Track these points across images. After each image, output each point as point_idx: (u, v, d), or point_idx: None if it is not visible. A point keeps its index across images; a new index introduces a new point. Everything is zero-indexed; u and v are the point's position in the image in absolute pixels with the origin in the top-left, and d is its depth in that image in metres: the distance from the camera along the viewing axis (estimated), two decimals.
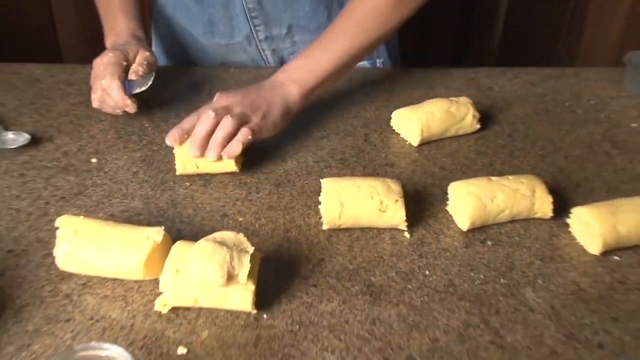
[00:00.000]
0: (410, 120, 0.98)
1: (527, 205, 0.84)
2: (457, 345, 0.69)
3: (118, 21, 1.07)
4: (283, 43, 1.20)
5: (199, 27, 1.20)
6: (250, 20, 1.16)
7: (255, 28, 1.17)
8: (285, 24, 1.18)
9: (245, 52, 1.21)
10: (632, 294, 0.76)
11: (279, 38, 1.19)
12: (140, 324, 0.70)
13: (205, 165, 0.90)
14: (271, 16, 1.16)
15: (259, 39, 1.19)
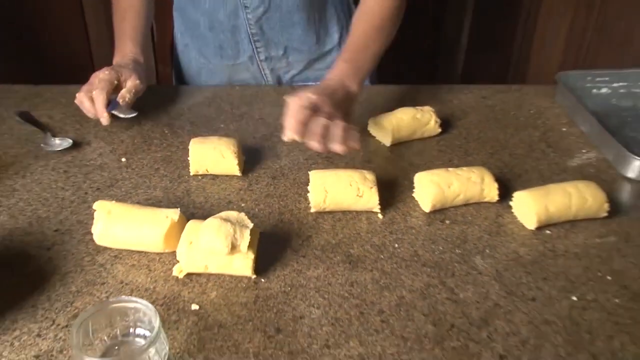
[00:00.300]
0: (384, 124, 1.01)
1: (478, 190, 0.87)
2: (419, 301, 0.72)
3: (126, 45, 1.10)
4: (280, 63, 1.23)
5: (210, 50, 1.22)
6: (253, 43, 1.19)
7: (257, 50, 1.20)
8: (282, 46, 1.20)
9: (248, 71, 1.24)
10: (559, 259, 0.79)
11: (277, 58, 1.22)
12: (161, 287, 0.72)
13: (214, 169, 0.92)
14: (270, 39, 1.19)
15: (260, 59, 1.22)
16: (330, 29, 1.23)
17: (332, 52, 1.25)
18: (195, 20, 1.20)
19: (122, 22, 1.14)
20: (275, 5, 1.14)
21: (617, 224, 0.86)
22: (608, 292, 0.74)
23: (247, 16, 1.15)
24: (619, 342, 0.67)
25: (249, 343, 0.65)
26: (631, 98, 1.19)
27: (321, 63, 1.26)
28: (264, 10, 1.14)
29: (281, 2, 1.14)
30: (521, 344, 0.67)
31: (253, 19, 1.15)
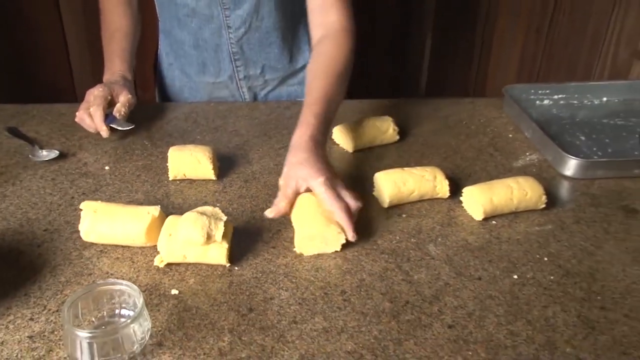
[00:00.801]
0: (346, 132, 1.08)
1: (430, 187, 0.94)
2: (378, 283, 0.78)
3: (114, 63, 1.17)
4: (257, 81, 1.30)
5: (194, 67, 1.29)
6: (233, 62, 1.26)
7: (237, 69, 1.27)
8: (259, 64, 1.28)
9: (227, 88, 1.31)
10: (503, 244, 0.87)
11: (254, 77, 1.29)
12: (143, 276, 0.78)
13: (191, 174, 0.97)
14: (249, 58, 1.26)
15: (239, 77, 1.29)
16: (302, 47, 1.31)
17: (303, 69, 1.32)
18: (180, 39, 1.27)
19: (110, 43, 1.20)
20: (255, 26, 1.22)
21: (554, 215, 0.94)
22: (544, 271, 0.82)
23: (230, 36, 1.22)
24: (551, 311, 0.75)
25: (224, 321, 0.71)
26: (569, 108, 1.29)
27: (293, 79, 1.33)
28: (245, 31, 1.22)
29: (261, 23, 1.22)
30: (467, 315, 0.74)
31: (235, 39, 1.23)
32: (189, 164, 0.96)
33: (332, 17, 1.08)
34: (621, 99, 1.33)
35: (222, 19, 1.20)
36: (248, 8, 1.18)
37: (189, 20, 1.22)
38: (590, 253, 0.86)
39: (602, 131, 1.21)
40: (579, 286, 0.79)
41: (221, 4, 1.18)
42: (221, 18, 1.20)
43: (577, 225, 0.92)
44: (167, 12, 1.25)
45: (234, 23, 1.21)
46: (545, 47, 2.38)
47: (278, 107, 1.25)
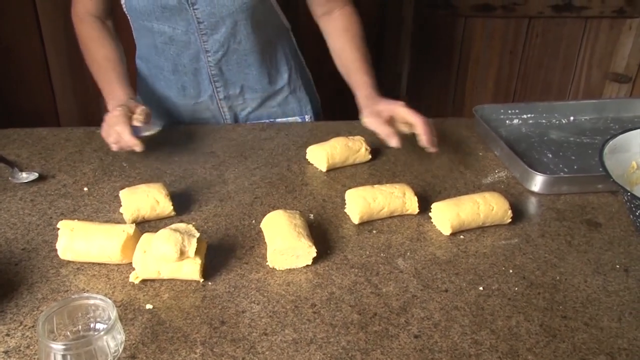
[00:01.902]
0: (319, 152, 1.13)
1: (400, 203, 0.98)
2: (347, 295, 0.81)
3: (115, 89, 1.15)
4: (237, 100, 1.34)
5: (174, 91, 1.33)
6: (213, 83, 1.30)
7: (217, 89, 1.31)
8: (238, 85, 1.32)
9: (208, 109, 1.35)
10: (470, 258, 0.90)
11: (234, 97, 1.33)
12: (118, 292, 0.80)
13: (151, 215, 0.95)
14: (228, 79, 1.30)
15: (219, 97, 1.33)
16: (280, 69, 1.36)
17: (283, 90, 1.37)
18: (159, 65, 1.31)
19: (105, 73, 1.19)
20: (232, 49, 1.26)
21: (521, 229, 0.98)
22: (509, 282, 0.86)
23: (208, 59, 1.27)
24: (515, 321, 0.78)
25: (197, 334, 0.73)
26: (538, 127, 1.35)
27: (273, 101, 1.38)
28: (223, 54, 1.26)
29: (238, 45, 1.26)
30: (433, 326, 0.77)
31: (213, 62, 1.27)
32: (146, 205, 0.94)
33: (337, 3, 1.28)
34: (587, 117, 1.39)
35: (200, 44, 1.24)
36: (225, 32, 1.23)
37: (166, 47, 1.26)
38: (553, 265, 0.90)
39: (568, 149, 1.26)
40: (542, 296, 0.83)
41: (198, 30, 1.22)
42: (198, 43, 1.24)
43: (542, 239, 0.96)
44: (145, 40, 1.29)
45: (212, 47, 1.25)
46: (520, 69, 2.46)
47: (254, 129, 1.29)
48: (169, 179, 1.08)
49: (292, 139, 1.26)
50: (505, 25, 2.35)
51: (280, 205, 1.01)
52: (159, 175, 1.09)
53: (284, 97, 1.38)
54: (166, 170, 1.11)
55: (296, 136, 1.27)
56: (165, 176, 1.09)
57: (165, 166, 1.13)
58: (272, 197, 1.04)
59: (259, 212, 0.99)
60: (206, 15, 1.19)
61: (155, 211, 0.95)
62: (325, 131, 1.29)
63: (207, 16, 1.19)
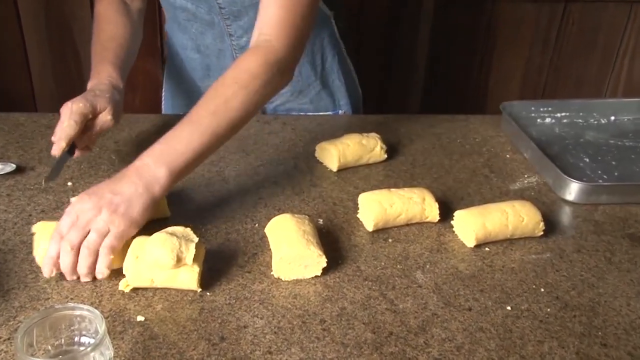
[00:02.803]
0: (330, 150, 1.13)
1: (419, 210, 0.98)
2: (360, 312, 0.82)
3: (104, 68, 1.12)
4: None
5: (199, 72, 1.34)
6: None
7: None
8: None
9: None
10: (496, 273, 0.91)
11: None
12: (106, 301, 0.80)
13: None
14: None
15: None
16: (315, 61, 1.34)
17: (315, 84, 1.36)
18: (182, 43, 1.32)
19: (102, 50, 1.15)
20: None
21: (553, 242, 0.98)
22: (541, 302, 0.86)
23: (232, 42, 1.27)
24: (548, 347, 0.78)
25: (193, 351, 0.74)
26: (573, 127, 1.35)
27: (305, 96, 1.36)
28: (248, 40, 1.23)
29: None
30: (456, 349, 0.77)
31: (237, 46, 1.27)
32: None
33: (266, 33, 1.02)
34: (631, 117, 1.39)
35: (224, 27, 1.25)
36: (249, 20, 1.22)
37: (189, 24, 1.27)
38: (591, 285, 0.90)
39: (608, 152, 1.26)
40: (579, 320, 0.83)
41: (220, 13, 1.22)
42: (222, 26, 1.25)
43: (577, 254, 0.96)
44: (168, 14, 1.30)
45: (236, 32, 1.25)
46: (552, 59, 2.45)
47: (257, 122, 1.29)
48: None
49: (300, 133, 1.26)
50: (538, 9, 2.34)
51: (286, 208, 1.02)
52: None
53: (316, 92, 1.37)
54: None
55: (304, 131, 1.27)
56: None
57: None
58: (277, 199, 1.04)
59: (263, 215, 0.99)
60: (227, 3, 1.19)
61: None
62: (336, 126, 1.30)
63: (227, 4, 1.20)
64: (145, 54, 2.13)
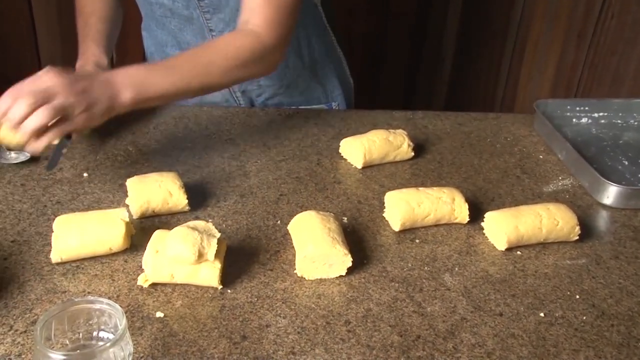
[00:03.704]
0: (355, 146, 1.14)
1: (448, 210, 0.99)
2: (386, 314, 0.83)
3: (89, 47, 1.20)
4: (250, 85, 1.35)
5: None
6: None
7: None
8: None
9: (220, 93, 1.36)
10: (528, 278, 0.91)
11: (247, 81, 1.35)
12: (124, 296, 0.82)
13: (162, 209, 0.97)
14: None
15: None
16: (302, 52, 1.35)
17: (304, 76, 1.38)
18: (161, 40, 1.33)
19: (84, 28, 1.24)
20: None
21: (589, 247, 0.99)
22: (576, 310, 0.86)
23: (213, 37, 1.28)
24: (583, 356, 0.79)
25: (214, 349, 0.75)
26: (611, 128, 1.35)
27: (294, 89, 1.38)
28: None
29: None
30: (486, 355, 0.78)
31: None
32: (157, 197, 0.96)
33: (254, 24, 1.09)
34: None
35: (203, 22, 1.26)
36: (229, 12, 1.23)
37: (167, 20, 1.28)
38: (630, 293, 0.90)
39: None
40: (617, 329, 0.83)
41: (199, 7, 1.23)
42: (202, 20, 1.26)
43: (615, 261, 0.96)
44: (144, 11, 1.32)
45: (217, 26, 1.26)
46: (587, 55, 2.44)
47: (279, 116, 1.31)
48: (182, 167, 1.10)
49: (322, 128, 1.27)
50: (574, 1, 2.33)
51: (309, 205, 1.03)
52: (170, 164, 1.12)
53: (307, 84, 1.39)
54: (178, 157, 1.14)
55: (327, 126, 1.28)
56: (177, 164, 1.11)
57: (177, 153, 1.14)
58: (300, 195, 1.06)
59: (285, 212, 1.00)
60: None
61: (167, 204, 0.96)
62: (360, 122, 1.31)
63: None
64: None
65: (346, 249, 0.87)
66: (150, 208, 0.96)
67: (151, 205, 0.96)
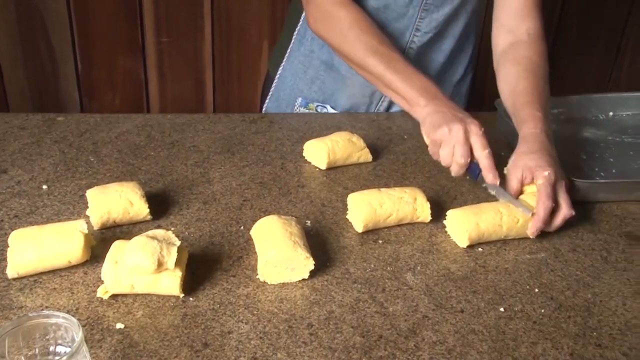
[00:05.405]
0: (319, 147, 1.14)
1: (410, 210, 1.00)
2: (348, 315, 0.83)
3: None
4: None
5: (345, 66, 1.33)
6: None
7: None
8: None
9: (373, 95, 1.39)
10: (489, 274, 0.92)
11: None
12: (84, 309, 0.81)
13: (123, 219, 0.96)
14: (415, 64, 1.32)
15: None
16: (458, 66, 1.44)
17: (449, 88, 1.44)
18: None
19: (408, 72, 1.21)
20: (441, 32, 1.33)
21: (548, 241, 1.00)
22: (535, 303, 0.87)
23: (413, 39, 1.32)
24: (541, 348, 0.80)
25: (175, 358, 0.75)
26: (570, 124, 1.37)
27: None
28: (432, 36, 1.32)
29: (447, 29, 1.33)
30: (447, 352, 0.78)
31: (416, 43, 1.33)
32: (118, 207, 0.95)
33: (529, 23, 1.25)
34: (630, 113, 1.41)
35: (415, 21, 1.28)
36: (447, 12, 1.28)
37: (374, 12, 1.27)
38: (586, 284, 0.92)
39: (606, 149, 1.28)
40: (573, 321, 0.85)
41: (423, 4, 1.26)
42: (414, 19, 1.28)
43: (573, 254, 0.98)
44: None
45: (427, 26, 1.30)
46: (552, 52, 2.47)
47: (243, 121, 1.31)
48: (144, 177, 1.10)
49: (287, 132, 1.27)
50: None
51: (272, 210, 1.03)
52: (132, 173, 1.11)
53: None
54: (140, 166, 1.13)
55: (291, 130, 1.29)
56: (139, 174, 1.10)
57: (139, 162, 1.14)
58: (263, 200, 1.05)
59: (249, 217, 1.00)
60: None
61: (128, 214, 0.95)
62: (325, 125, 1.31)
63: None
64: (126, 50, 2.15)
65: (308, 252, 0.87)
66: (111, 218, 0.95)
67: (112, 215, 0.95)
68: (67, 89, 2.16)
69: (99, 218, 0.94)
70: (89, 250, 0.88)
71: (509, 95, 1.20)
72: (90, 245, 0.89)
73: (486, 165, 1.05)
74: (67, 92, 2.16)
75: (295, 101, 1.42)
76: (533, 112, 1.11)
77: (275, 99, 1.46)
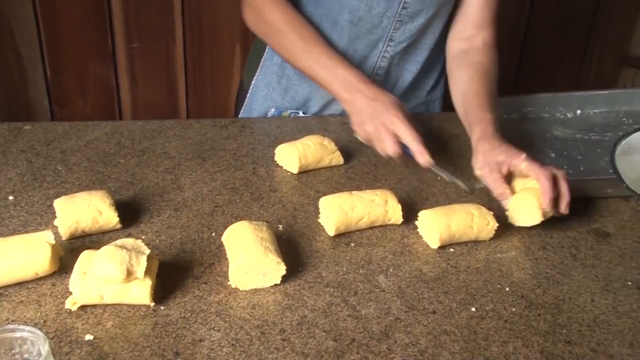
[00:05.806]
0: (290, 151, 1.13)
1: (381, 212, 1.00)
2: (321, 319, 0.83)
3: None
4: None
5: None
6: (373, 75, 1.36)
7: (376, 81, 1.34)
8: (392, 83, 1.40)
9: None
10: (461, 274, 0.93)
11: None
12: (52, 321, 0.80)
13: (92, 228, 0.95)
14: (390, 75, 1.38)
15: None
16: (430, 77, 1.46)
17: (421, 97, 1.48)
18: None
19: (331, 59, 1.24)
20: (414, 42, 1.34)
21: (519, 240, 1.01)
22: (506, 302, 0.88)
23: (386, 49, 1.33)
24: (512, 347, 0.81)
25: None
26: (539, 122, 1.38)
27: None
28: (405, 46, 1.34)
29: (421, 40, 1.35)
30: (419, 353, 0.79)
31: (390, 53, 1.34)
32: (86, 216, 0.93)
33: (485, 34, 1.31)
34: (597, 111, 1.43)
35: (389, 32, 1.29)
36: (421, 23, 1.29)
37: (349, 26, 1.29)
38: (556, 282, 0.93)
39: (574, 147, 1.30)
40: (543, 318, 0.86)
41: (397, 15, 1.26)
42: (388, 30, 1.29)
43: (543, 252, 0.99)
44: (322, 10, 1.29)
45: (400, 37, 1.31)
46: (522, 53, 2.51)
47: (215, 126, 1.30)
48: (114, 185, 1.08)
49: (258, 137, 1.27)
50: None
51: (244, 215, 1.02)
52: (101, 181, 1.09)
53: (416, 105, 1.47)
54: (110, 174, 1.11)
55: (263, 134, 1.28)
56: (109, 182, 1.09)
57: (109, 170, 1.12)
58: (235, 206, 1.05)
59: (220, 223, 0.99)
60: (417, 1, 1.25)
61: (97, 223, 0.94)
62: (296, 128, 1.31)
63: (417, 1, 1.25)
64: (96, 56, 2.13)
65: (279, 258, 0.87)
66: (80, 228, 0.94)
67: (80, 225, 0.93)
68: (37, 97, 2.13)
69: (67, 228, 0.93)
70: (57, 261, 0.87)
71: (461, 97, 1.26)
72: (58, 256, 0.87)
73: (415, 149, 1.09)
74: (37, 100, 2.13)
75: (268, 112, 1.43)
76: (485, 114, 1.16)
77: (248, 110, 1.46)
